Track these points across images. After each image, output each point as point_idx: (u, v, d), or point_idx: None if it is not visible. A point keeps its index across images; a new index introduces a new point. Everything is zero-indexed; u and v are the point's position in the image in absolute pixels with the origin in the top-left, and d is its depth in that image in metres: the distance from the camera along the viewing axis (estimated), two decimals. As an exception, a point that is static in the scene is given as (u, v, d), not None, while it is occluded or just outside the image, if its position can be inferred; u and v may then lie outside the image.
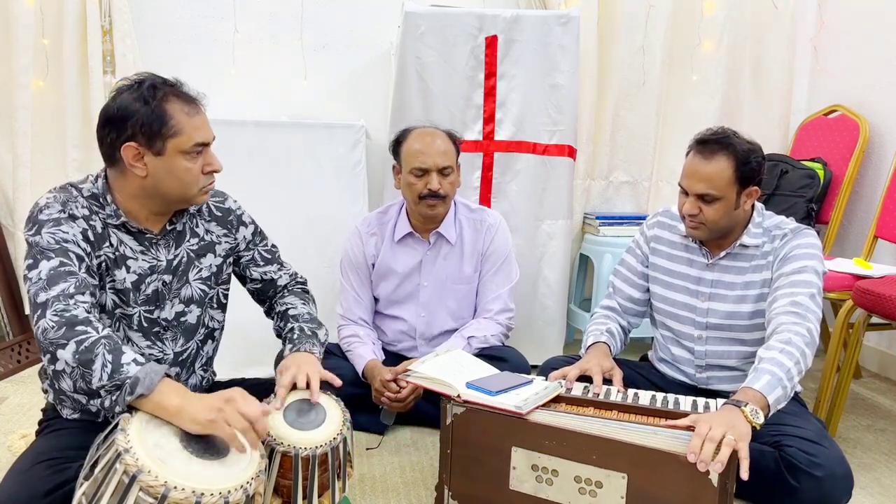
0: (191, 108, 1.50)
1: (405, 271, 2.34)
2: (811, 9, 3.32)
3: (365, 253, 2.36)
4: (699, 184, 1.84)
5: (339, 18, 3.08)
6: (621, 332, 2.11)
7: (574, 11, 2.78)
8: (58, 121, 2.89)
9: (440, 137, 2.25)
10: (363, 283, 2.39)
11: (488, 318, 2.33)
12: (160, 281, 1.60)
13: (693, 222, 1.90)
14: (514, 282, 2.39)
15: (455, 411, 1.68)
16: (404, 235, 2.33)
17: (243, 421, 1.30)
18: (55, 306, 1.35)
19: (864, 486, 2.00)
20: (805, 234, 1.89)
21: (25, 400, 2.48)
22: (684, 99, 3.24)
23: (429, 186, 2.19)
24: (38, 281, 1.39)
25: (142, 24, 2.94)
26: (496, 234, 2.35)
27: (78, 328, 1.33)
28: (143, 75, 1.52)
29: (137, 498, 1.15)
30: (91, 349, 1.31)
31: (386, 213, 2.40)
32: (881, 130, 2.95)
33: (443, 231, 2.31)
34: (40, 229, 1.45)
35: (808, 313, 1.74)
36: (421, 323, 2.36)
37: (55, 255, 1.42)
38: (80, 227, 1.48)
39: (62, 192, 1.52)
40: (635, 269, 2.12)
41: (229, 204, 1.75)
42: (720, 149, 1.83)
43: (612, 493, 1.54)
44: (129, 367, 1.31)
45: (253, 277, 1.79)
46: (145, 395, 1.29)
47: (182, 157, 1.49)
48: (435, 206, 2.23)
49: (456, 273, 2.35)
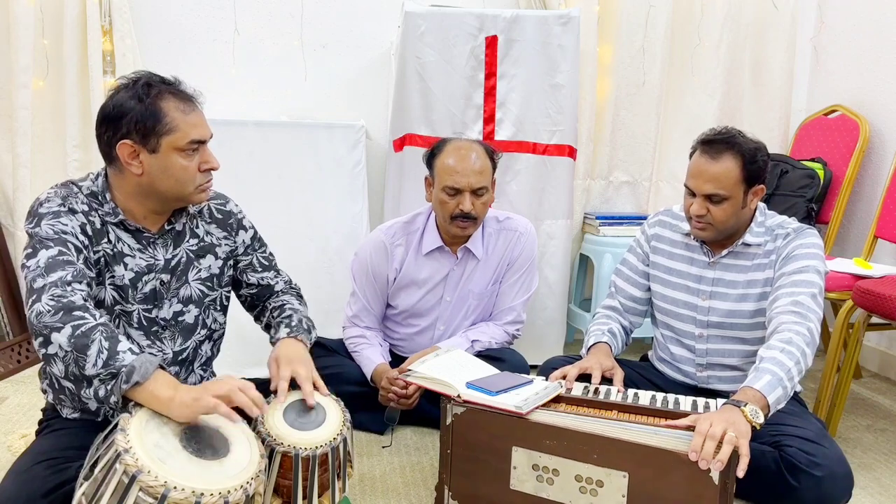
0: (186, 106, 1.50)
1: (430, 285, 2.28)
2: (811, 9, 3.33)
3: (389, 267, 2.26)
4: (707, 184, 1.83)
5: (339, 18, 3.08)
6: (623, 332, 2.11)
7: (574, 11, 2.78)
8: (58, 121, 2.89)
9: (476, 152, 2.14)
10: (377, 296, 2.31)
11: (498, 325, 2.31)
12: (158, 280, 1.60)
13: (701, 223, 1.89)
14: (532, 292, 2.35)
15: (455, 411, 1.68)
16: (433, 249, 2.26)
17: (225, 386, 1.32)
18: (52, 291, 1.35)
19: (864, 486, 2.00)
20: (808, 233, 1.89)
21: (25, 400, 2.48)
22: (684, 99, 3.24)
23: (461, 207, 2.11)
24: (36, 268, 1.39)
25: (142, 24, 2.94)
26: (525, 241, 2.29)
27: (75, 313, 1.33)
28: (139, 73, 1.52)
29: (137, 498, 1.15)
30: (87, 334, 1.31)
31: (412, 222, 2.29)
32: (881, 130, 2.95)
33: (471, 246, 2.25)
34: (40, 221, 1.46)
35: (810, 313, 1.74)
36: (438, 335, 2.33)
37: (54, 245, 1.43)
38: (78, 221, 1.49)
39: (63, 188, 1.53)
40: (637, 268, 2.12)
41: (230, 207, 1.75)
42: (727, 148, 1.82)
43: (613, 492, 1.54)
44: (124, 356, 1.31)
45: (249, 282, 1.78)
46: (140, 383, 1.29)
47: (177, 154, 1.49)
48: (466, 228, 2.17)
49: (480, 289, 2.30)
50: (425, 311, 2.32)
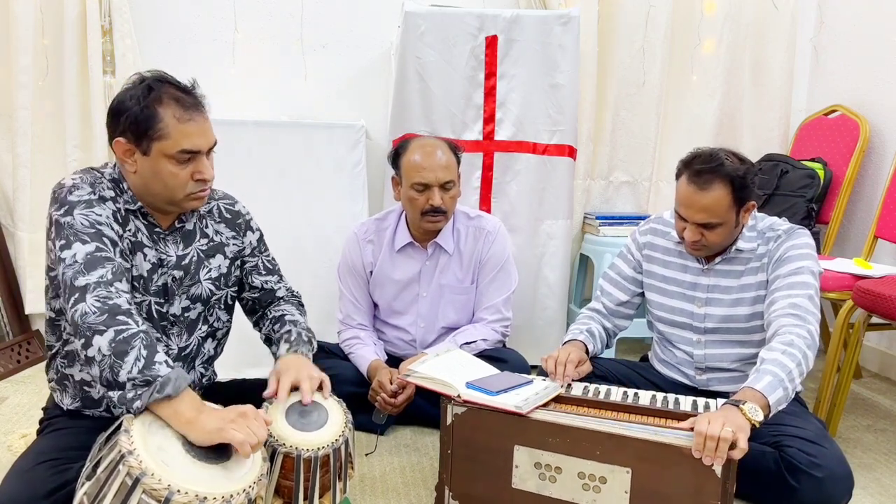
0: (185, 114, 1.48)
1: (404, 281, 2.33)
2: (811, 9, 3.33)
3: (363, 260, 2.34)
4: (699, 214, 1.83)
5: (339, 18, 3.08)
6: (603, 334, 2.12)
7: (574, 11, 2.78)
8: (58, 121, 2.89)
9: (441, 149, 2.20)
10: (361, 288, 2.38)
11: (484, 325, 2.32)
12: (169, 276, 1.60)
13: (695, 246, 1.90)
14: (512, 290, 2.36)
15: (455, 411, 1.68)
16: (404, 245, 2.31)
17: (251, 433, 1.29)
18: (97, 292, 1.35)
19: (864, 486, 2.00)
20: (798, 234, 1.89)
21: (25, 400, 2.48)
22: (684, 99, 3.24)
23: (431, 202, 2.16)
24: (74, 264, 1.38)
25: (142, 24, 2.93)
26: (494, 240, 2.32)
27: (119, 317, 1.33)
28: (151, 73, 1.52)
29: (140, 500, 1.15)
30: (128, 341, 1.31)
31: (384, 219, 2.37)
32: (881, 130, 2.95)
33: (440, 241, 2.29)
34: (72, 209, 1.44)
35: (808, 315, 1.75)
36: (420, 332, 2.36)
37: (91, 240, 1.42)
38: (110, 209, 1.49)
39: (87, 174, 1.52)
40: (625, 273, 2.13)
41: (239, 207, 1.76)
42: (714, 178, 1.80)
43: (616, 488, 1.55)
44: (160, 367, 1.31)
45: (253, 285, 1.78)
46: (172, 396, 1.29)
47: (166, 160, 1.48)
48: (437, 222, 2.22)
49: (454, 283, 2.33)
50: (404, 308, 2.36)
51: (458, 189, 2.26)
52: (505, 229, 2.38)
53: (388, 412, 2.16)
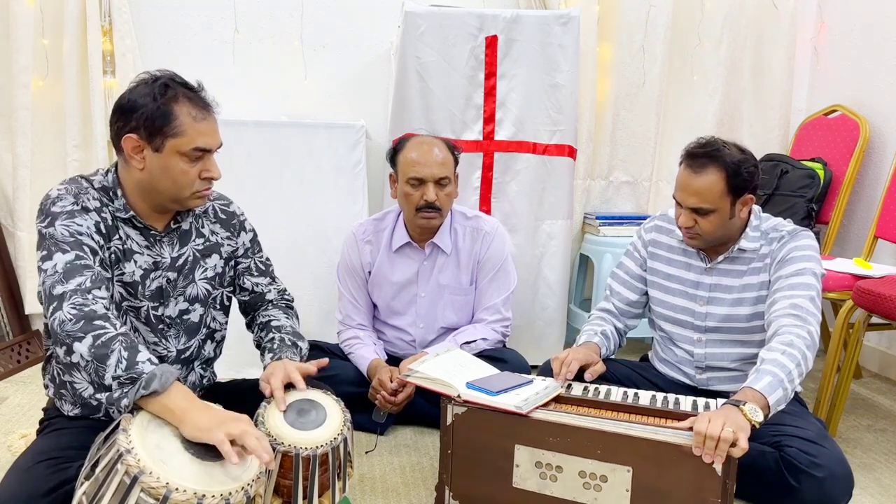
0: (199, 113, 1.51)
1: (402, 281, 2.33)
2: (811, 9, 3.33)
3: (361, 260, 2.34)
4: (691, 198, 1.85)
5: (339, 18, 3.08)
6: (616, 335, 2.12)
7: (574, 11, 2.78)
8: (58, 121, 2.88)
9: (438, 147, 2.21)
10: (360, 288, 2.38)
11: (484, 325, 2.32)
12: (164, 278, 1.61)
13: (689, 233, 1.91)
14: (511, 290, 2.36)
15: (456, 411, 1.68)
16: (402, 245, 2.31)
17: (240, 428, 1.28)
18: (73, 299, 1.36)
19: (864, 486, 2.00)
20: (802, 235, 1.89)
21: (25, 400, 2.48)
22: (684, 99, 3.24)
23: (425, 197, 2.16)
24: (54, 273, 1.40)
25: (142, 24, 2.94)
26: (492, 241, 2.32)
27: (96, 322, 1.34)
28: (163, 72, 1.53)
29: (139, 499, 1.15)
30: (107, 344, 1.32)
31: (383, 219, 2.37)
32: (881, 130, 2.95)
33: (437, 241, 2.29)
34: (53, 221, 1.46)
35: (809, 316, 1.75)
36: (419, 333, 2.36)
37: (70, 249, 1.43)
38: (92, 220, 1.50)
39: (73, 184, 1.53)
40: (633, 272, 2.12)
41: (234, 208, 1.77)
42: (710, 162, 1.82)
43: (617, 486, 1.55)
44: (143, 365, 1.32)
45: (244, 287, 1.78)
46: (158, 392, 1.29)
47: (179, 158, 1.50)
48: (431, 219, 2.22)
49: (453, 283, 2.33)
50: (402, 309, 2.36)
51: (454, 188, 2.25)
52: (503, 229, 2.39)
53: (388, 410, 2.16)
